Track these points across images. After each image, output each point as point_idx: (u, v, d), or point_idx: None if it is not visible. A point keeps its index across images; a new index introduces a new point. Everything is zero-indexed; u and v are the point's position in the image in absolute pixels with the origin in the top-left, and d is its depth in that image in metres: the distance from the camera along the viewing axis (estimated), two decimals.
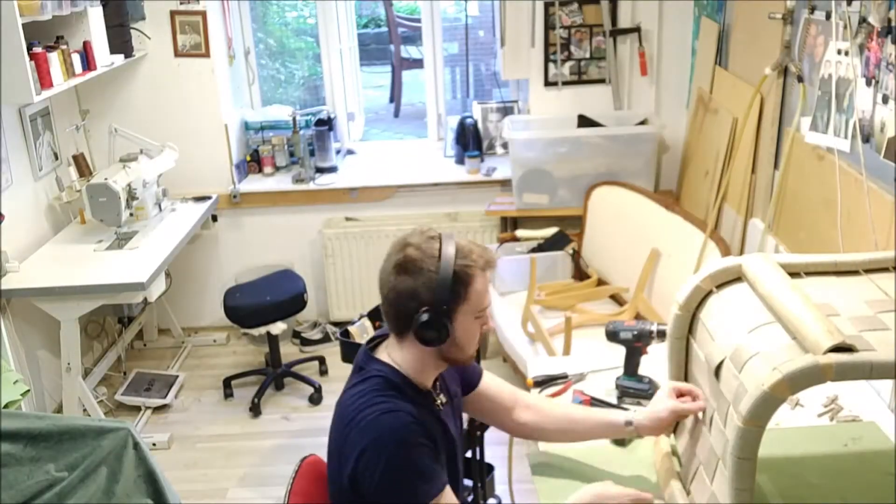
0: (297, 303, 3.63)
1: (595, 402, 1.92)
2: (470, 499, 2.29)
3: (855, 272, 1.44)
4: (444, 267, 1.45)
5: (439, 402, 1.61)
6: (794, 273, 1.43)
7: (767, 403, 1.14)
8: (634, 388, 1.95)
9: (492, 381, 1.77)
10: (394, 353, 1.56)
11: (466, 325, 1.50)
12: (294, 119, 4.08)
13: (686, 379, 1.61)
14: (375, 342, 1.65)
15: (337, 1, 4.17)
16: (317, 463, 1.78)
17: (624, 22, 3.81)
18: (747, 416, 1.14)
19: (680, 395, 1.57)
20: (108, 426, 2.31)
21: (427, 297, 1.45)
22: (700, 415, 1.51)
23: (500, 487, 2.57)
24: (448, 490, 1.49)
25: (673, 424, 1.61)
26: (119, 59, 3.51)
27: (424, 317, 1.45)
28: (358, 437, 1.47)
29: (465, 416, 1.80)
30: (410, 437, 1.45)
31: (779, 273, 1.39)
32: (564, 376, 2.04)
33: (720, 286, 1.48)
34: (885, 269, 1.44)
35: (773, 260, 1.44)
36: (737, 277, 1.47)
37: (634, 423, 1.64)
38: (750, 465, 1.18)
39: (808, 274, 1.45)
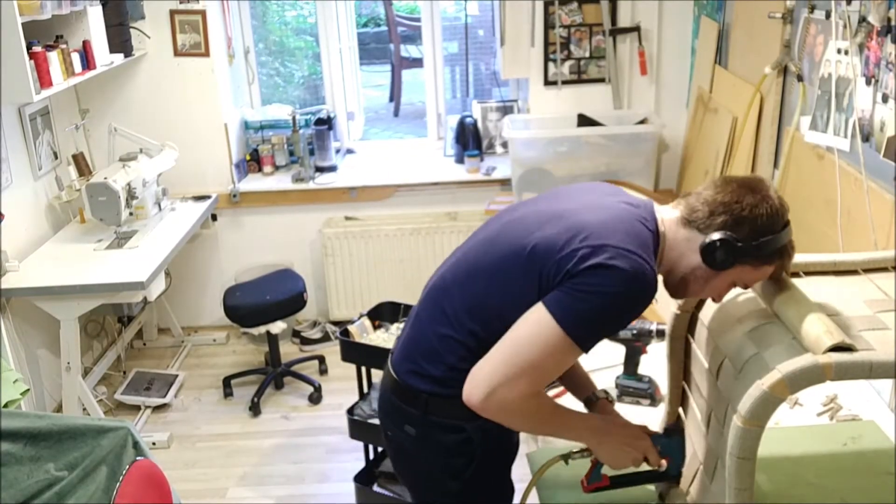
0: (296, 302, 3.63)
1: None
2: None
3: (854, 272, 1.44)
4: (786, 237, 1.37)
5: None
6: (793, 273, 1.43)
7: (767, 403, 1.14)
8: (634, 387, 1.95)
9: None
10: (668, 224, 1.46)
11: (727, 277, 1.40)
12: (294, 118, 4.08)
13: (685, 379, 1.61)
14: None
15: (336, 0, 4.16)
16: (146, 467, 1.69)
17: (624, 21, 3.81)
18: (747, 415, 1.14)
19: None
20: (107, 425, 2.31)
21: (742, 230, 1.35)
22: (698, 415, 1.51)
23: None
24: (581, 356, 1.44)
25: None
26: (119, 58, 3.51)
27: (723, 238, 1.36)
28: (599, 255, 1.35)
29: None
30: (644, 296, 1.37)
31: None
32: None
33: None
34: (884, 269, 1.44)
35: None
36: None
37: (596, 401, 1.67)
38: (749, 464, 1.18)
39: (808, 273, 1.45)
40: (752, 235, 1.35)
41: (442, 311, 1.52)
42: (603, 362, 2.08)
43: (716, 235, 1.36)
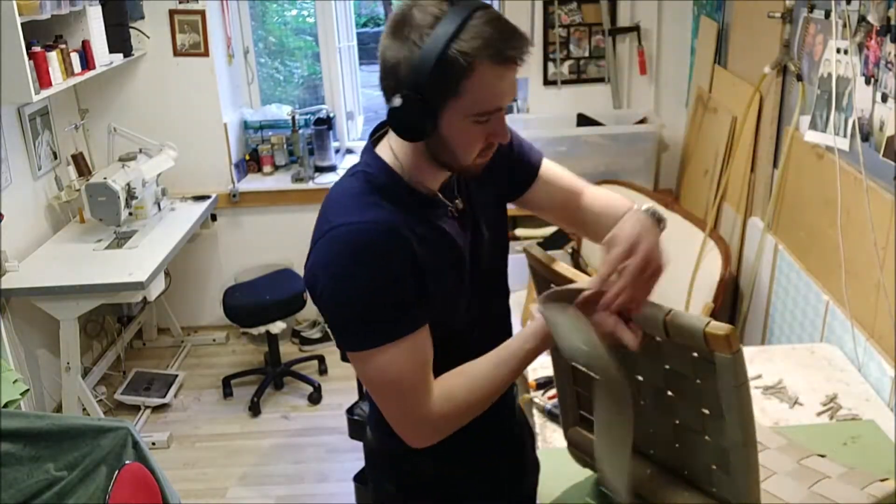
0: (296, 302, 3.63)
1: None
2: None
3: None
4: (430, 46, 1.09)
5: (452, 208, 1.30)
6: None
7: None
8: None
9: (552, 165, 1.51)
10: (395, 145, 1.25)
11: (459, 127, 1.15)
12: (293, 118, 4.07)
13: None
14: (385, 129, 1.31)
15: (336, 0, 4.16)
16: (136, 470, 1.69)
17: (623, 21, 3.81)
18: None
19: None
20: (107, 425, 2.31)
21: (406, 78, 1.12)
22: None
23: None
24: (421, 332, 1.20)
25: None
26: (118, 58, 3.51)
27: (396, 101, 1.12)
28: (313, 254, 1.20)
29: None
30: (369, 255, 1.15)
31: None
32: None
33: None
34: None
35: None
36: None
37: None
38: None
39: None
40: (413, 79, 1.11)
41: None
42: None
43: (387, 115, 1.15)
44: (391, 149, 1.26)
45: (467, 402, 1.23)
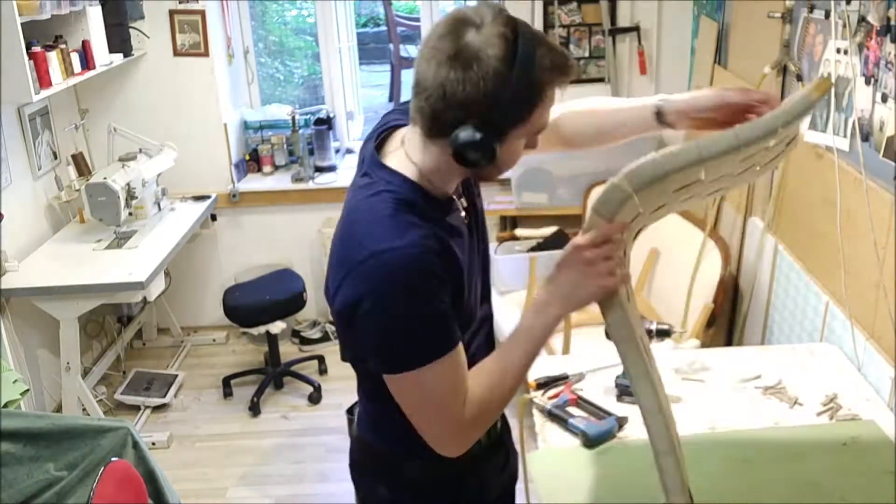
0: (296, 302, 3.63)
1: (581, 401, 1.91)
2: None
3: None
4: (520, 76, 1.09)
5: (461, 207, 1.32)
6: None
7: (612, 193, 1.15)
8: None
9: None
10: (413, 152, 1.22)
11: (514, 147, 1.17)
12: (293, 118, 4.07)
13: None
14: (383, 134, 1.31)
15: (336, 0, 4.16)
16: (121, 468, 1.68)
17: (623, 21, 3.81)
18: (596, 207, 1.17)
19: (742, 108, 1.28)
20: (107, 425, 2.31)
21: (481, 111, 1.09)
22: None
23: None
24: (460, 344, 1.21)
25: (716, 119, 1.31)
26: (118, 58, 3.51)
27: (472, 135, 1.11)
28: (352, 281, 1.17)
29: None
30: (415, 279, 1.14)
31: None
32: (565, 377, 2.04)
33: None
34: None
35: None
36: None
37: (665, 110, 1.37)
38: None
39: None
40: (488, 111, 1.10)
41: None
42: (603, 362, 2.08)
43: (454, 143, 1.12)
44: (407, 156, 1.24)
45: (492, 399, 1.23)
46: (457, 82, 1.09)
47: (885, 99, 1.87)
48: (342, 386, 3.64)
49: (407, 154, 1.24)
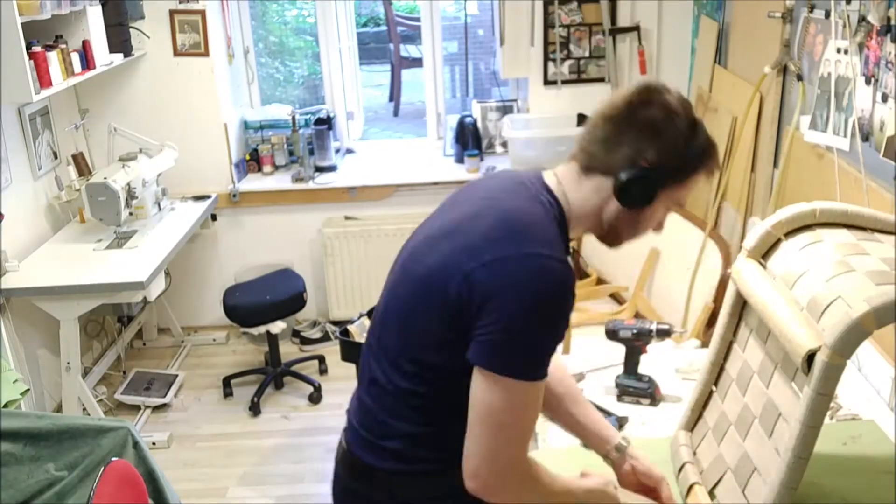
0: (296, 302, 3.63)
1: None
2: None
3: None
4: (701, 137, 1.24)
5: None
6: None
7: (854, 334, 1.13)
8: (634, 386, 1.95)
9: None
10: (567, 182, 1.30)
11: (657, 210, 1.28)
12: (293, 118, 4.08)
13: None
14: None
15: (336, 0, 4.16)
16: (121, 468, 1.68)
17: (623, 21, 3.81)
18: (834, 347, 1.13)
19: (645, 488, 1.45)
20: (107, 425, 2.31)
21: (655, 155, 1.22)
22: (731, 419, 1.44)
23: None
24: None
25: (630, 486, 1.47)
26: (118, 58, 3.51)
27: (633, 175, 1.22)
28: (500, 266, 1.16)
29: None
30: (562, 294, 1.18)
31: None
32: None
33: (789, 234, 1.41)
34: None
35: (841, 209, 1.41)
36: (805, 226, 1.42)
37: (622, 453, 1.47)
38: (826, 401, 1.17)
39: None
40: (663, 156, 1.22)
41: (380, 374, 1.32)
42: (603, 362, 2.08)
43: (624, 175, 1.23)
44: (560, 183, 1.31)
45: (537, 490, 1.27)
46: (659, 121, 1.22)
47: (885, 99, 1.87)
48: (342, 386, 3.64)
49: (559, 181, 1.31)
